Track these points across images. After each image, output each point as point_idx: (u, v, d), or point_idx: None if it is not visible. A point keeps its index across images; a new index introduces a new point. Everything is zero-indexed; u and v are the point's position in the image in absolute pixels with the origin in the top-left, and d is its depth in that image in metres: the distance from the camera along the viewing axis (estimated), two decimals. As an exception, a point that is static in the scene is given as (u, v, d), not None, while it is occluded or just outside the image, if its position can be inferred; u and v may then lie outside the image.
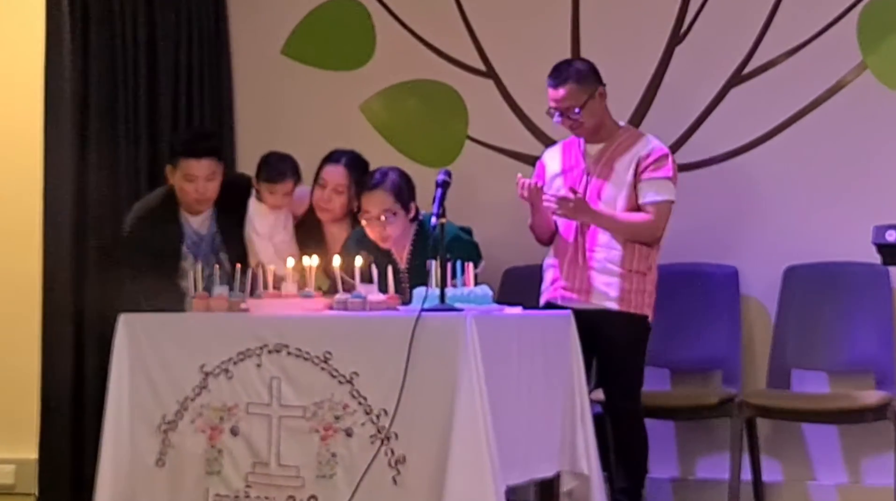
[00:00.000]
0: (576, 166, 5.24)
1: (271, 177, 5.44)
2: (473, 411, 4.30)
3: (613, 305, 5.10)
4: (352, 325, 4.61)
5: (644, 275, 5.13)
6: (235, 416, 4.73)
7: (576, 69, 5.21)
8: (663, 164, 5.12)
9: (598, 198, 5.14)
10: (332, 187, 5.42)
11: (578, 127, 5.18)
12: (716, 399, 5.50)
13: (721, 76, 5.83)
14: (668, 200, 5.12)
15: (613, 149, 5.19)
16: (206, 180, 5.39)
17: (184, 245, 5.49)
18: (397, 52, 6.33)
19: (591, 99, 5.15)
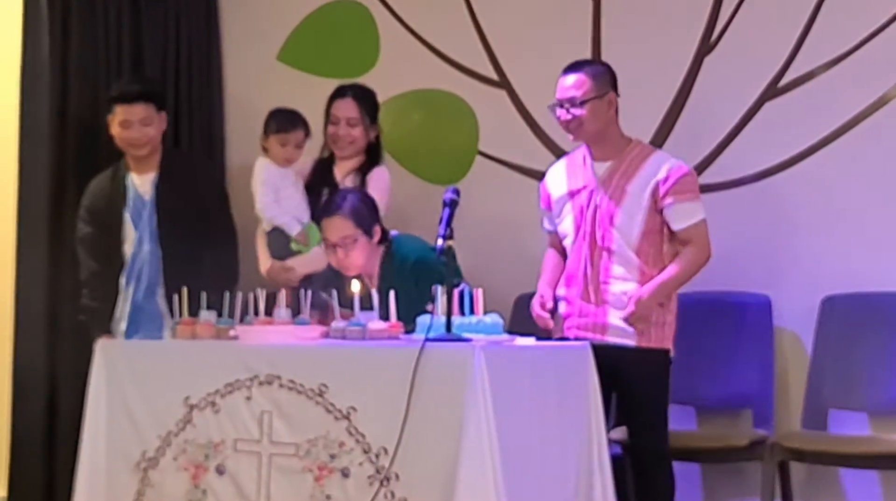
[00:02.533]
0: (584, 187, 5.17)
1: (282, 126, 5.69)
2: (481, 451, 4.25)
3: (632, 342, 5.05)
4: (350, 356, 4.57)
5: (662, 306, 5.09)
6: (222, 453, 4.69)
7: (594, 65, 5.22)
8: (687, 185, 5.08)
9: (610, 224, 5.09)
10: (345, 120, 5.69)
11: (577, 126, 5.12)
12: (746, 440, 5.45)
13: (754, 89, 5.80)
14: (702, 220, 5.10)
15: (624, 169, 5.13)
16: (142, 124, 5.63)
17: (126, 210, 5.65)
18: (403, 58, 6.33)
19: (598, 99, 5.10)
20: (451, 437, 4.28)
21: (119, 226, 5.65)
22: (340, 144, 5.75)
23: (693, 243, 5.07)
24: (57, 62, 6.30)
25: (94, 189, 5.75)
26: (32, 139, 6.28)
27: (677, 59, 5.90)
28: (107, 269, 5.63)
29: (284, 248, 5.62)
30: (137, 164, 5.71)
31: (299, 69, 6.48)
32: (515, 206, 5.87)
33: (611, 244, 5.08)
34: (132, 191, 5.69)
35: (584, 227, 5.13)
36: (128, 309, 5.62)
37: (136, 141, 5.64)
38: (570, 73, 5.13)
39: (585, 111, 5.09)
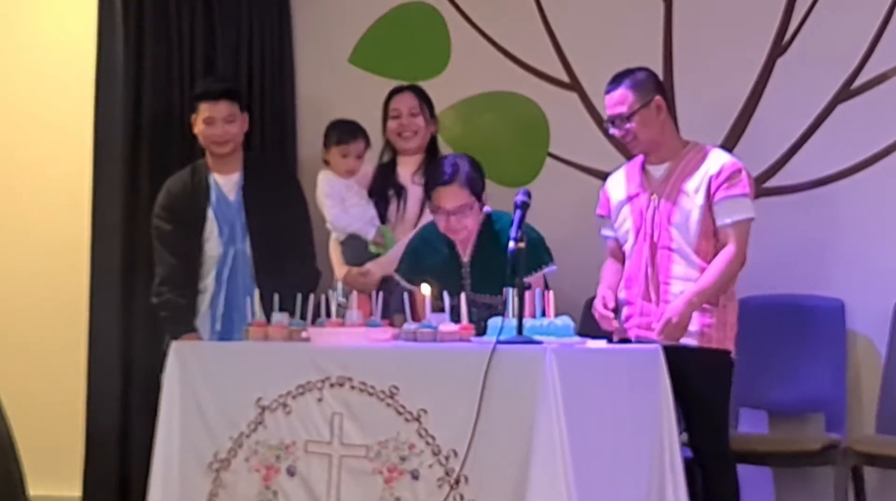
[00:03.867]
0: (641, 191, 5.16)
1: (343, 138, 5.72)
2: (552, 454, 4.23)
3: (693, 342, 5.01)
4: (420, 358, 4.57)
5: (724, 308, 5.05)
6: (293, 455, 4.71)
7: (633, 75, 5.15)
8: (737, 180, 5.00)
9: (668, 223, 5.06)
10: (408, 110, 5.78)
11: (632, 139, 5.10)
12: (818, 444, 5.41)
13: (827, 90, 5.76)
14: (747, 219, 5.01)
15: (681, 170, 5.10)
16: (225, 122, 5.66)
17: (210, 208, 5.67)
18: (473, 61, 6.33)
19: (645, 108, 5.07)
20: (522, 440, 4.27)
21: (200, 225, 5.66)
22: (405, 134, 5.77)
23: (731, 243, 4.97)
24: (131, 63, 6.36)
25: (173, 187, 5.75)
26: (107, 140, 6.34)
27: (749, 60, 5.86)
28: (186, 266, 5.64)
29: (359, 254, 5.64)
30: (219, 164, 5.72)
31: (370, 71, 6.49)
32: (586, 208, 5.83)
33: (670, 243, 5.06)
34: (215, 190, 5.70)
35: (644, 228, 5.11)
36: (221, 309, 5.62)
37: (219, 138, 5.66)
38: (612, 90, 5.12)
39: (635, 124, 5.07)
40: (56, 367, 6.67)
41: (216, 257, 5.64)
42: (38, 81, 6.93)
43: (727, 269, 4.98)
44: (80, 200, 6.42)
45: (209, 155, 5.76)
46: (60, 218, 6.76)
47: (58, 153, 6.82)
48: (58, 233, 6.76)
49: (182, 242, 5.65)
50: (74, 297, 6.42)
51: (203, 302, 5.65)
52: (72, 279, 6.50)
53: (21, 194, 6.91)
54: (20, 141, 6.93)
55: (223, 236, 5.65)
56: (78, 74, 6.59)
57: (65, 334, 6.59)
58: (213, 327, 5.62)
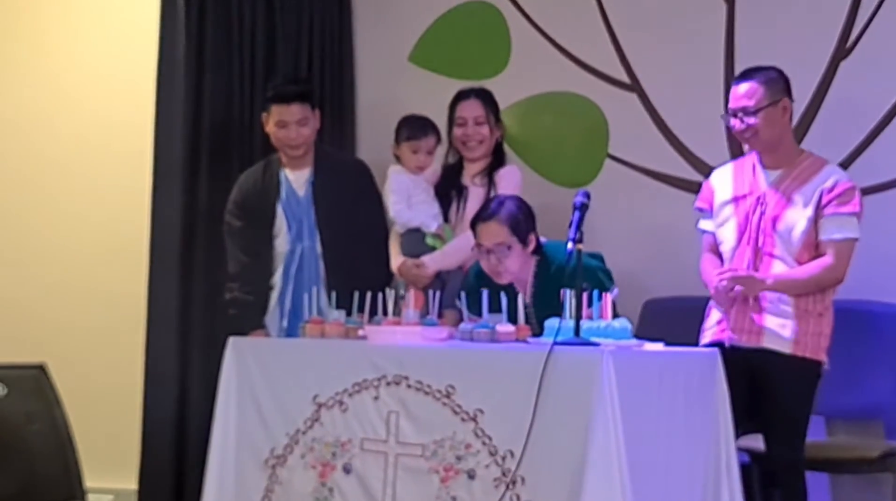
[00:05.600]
0: (750, 193, 5.10)
1: (414, 134, 5.73)
2: (608, 456, 4.23)
3: (787, 348, 4.98)
4: (477, 358, 4.58)
5: (821, 317, 5.01)
6: (349, 452, 4.73)
7: (765, 72, 5.10)
8: (850, 199, 4.97)
9: (773, 229, 5.02)
10: (473, 119, 5.77)
11: (752, 135, 5.04)
12: (877, 452, 5.38)
13: (891, 94, 5.72)
14: (851, 238, 4.98)
15: (794, 177, 5.05)
16: (298, 125, 5.64)
17: (279, 204, 5.67)
18: (533, 61, 6.33)
19: (773, 106, 5.02)
20: (578, 441, 4.26)
21: (271, 220, 5.66)
22: (470, 144, 5.77)
23: (830, 256, 4.96)
24: (192, 61, 6.40)
25: (245, 183, 5.75)
26: (167, 140, 6.39)
27: (813, 63, 5.83)
28: (256, 263, 5.63)
29: (416, 247, 5.66)
30: (291, 160, 5.71)
31: (431, 70, 6.51)
32: (645, 210, 5.85)
33: (773, 249, 5.02)
34: (286, 185, 5.69)
35: (749, 232, 5.07)
36: (288, 306, 5.62)
37: (292, 141, 5.64)
38: (743, 82, 5.06)
39: (759, 120, 5.01)
40: (114, 361, 6.72)
41: (284, 253, 5.64)
42: (100, 79, 6.97)
43: (819, 275, 4.96)
44: (140, 197, 6.47)
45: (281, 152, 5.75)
46: (121, 213, 6.80)
47: (118, 152, 6.86)
48: (118, 231, 6.80)
49: (252, 238, 5.66)
50: (134, 293, 6.47)
51: (272, 299, 5.66)
52: (131, 276, 6.54)
53: (83, 193, 6.95)
54: (81, 140, 6.98)
55: (292, 232, 5.65)
56: (139, 73, 6.64)
57: (123, 329, 6.63)
58: (281, 324, 5.63)
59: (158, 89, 6.43)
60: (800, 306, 4.98)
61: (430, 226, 5.63)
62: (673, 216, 5.80)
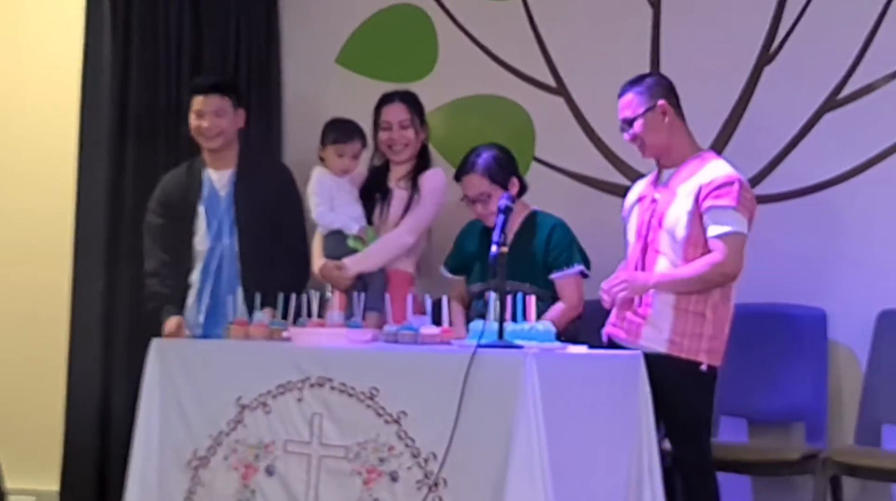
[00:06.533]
0: (648, 194, 5.18)
1: (340, 138, 5.69)
2: (531, 458, 4.25)
3: (662, 348, 5.00)
4: (401, 360, 4.59)
5: (702, 317, 5.00)
6: (272, 454, 4.73)
7: (641, 80, 5.17)
8: (726, 191, 4.94)
9: (659, 226, 5.06)
10: (398, 123, 5.77)
11: (640, 144, 5.13)
12: (798, 454, 5.42)
13: (814, 100, 5.77)
14: (734, 232, 4.94)
15: (681, 175, 5.10)
16: (215, 115, 5.70)
17: (201, 203, 5.70)
18: (460, 63, 6.34)
19: (650, 111, 5.08)
20: (501, 444, 4.28)
21: (192, 219, 5.68)
22: (396, 148, 5.78)
23: (718, 252, 4.93)
24: (118, 61, 6.38)
25: (169, 182, 5.79)
26: (92, 138, 6.37)
27: (737, 68, 5.87)
28: (176, 260, 5.66)
29: (339, 249, 5.65)
30: (214, 160, 5.74)
31: (357, 72, 6.50)
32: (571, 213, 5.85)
33: (658, 246, 5.06)
34: (208, 185, 5.72)
35: (642, 231, 5.13)
36: (207, 303, 5.63)
37: (207, 131, 5.68)
38: (622, 95, 5.14)
39: (639, 128, 5.09)
40: (36, 362, 6.67)
41: (204, 252, 5.66)
42: (25, 78, 6.92)
43: (705, 272, 4.94)
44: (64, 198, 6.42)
45: (204, 150, 5.77)
46: (45, 215, 6.75)
47: (43, 150, 6.81)
48: (42, 231, 6.76)
49: (172, 236, 5.68)
50: (57, 291, 6.43)
51: (190, 296, 5.66)
52: (55, 275, 6.50)
53: (4, 192, 6.90)
54: (4, 138, 6.92)
55: (211, 231, 5.66)
56: (64, 69, 6.60)
57: (46, 326, 6.58)
58: (198, 320, 5.62)
59: (83, 86, 6.40)
60: (679, 306, 4.99)
61: (351, 228, 5.62)
62: (599, 219, 5.82)
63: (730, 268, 4.95)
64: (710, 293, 5.01)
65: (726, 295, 5.05)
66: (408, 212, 5.69)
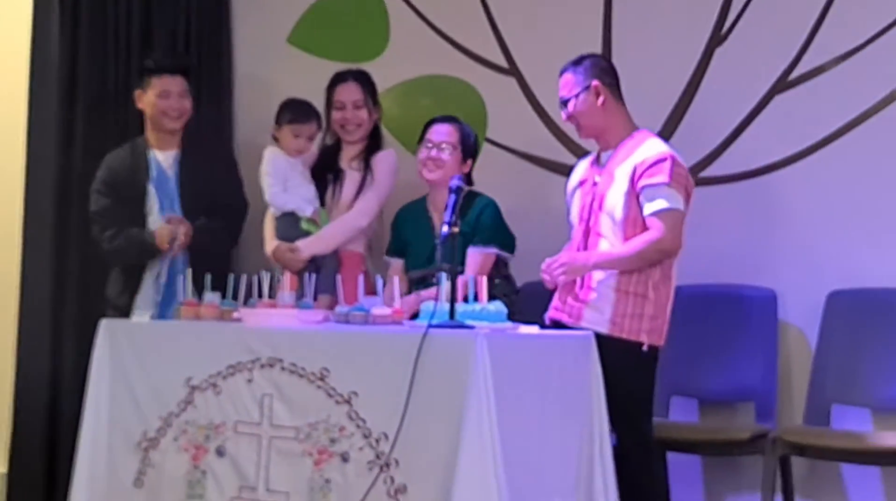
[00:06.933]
0: (588, 177, 5.19)
1: (297, 118, 5.68)
2: (482, 439, 4.25)
3: (604, 328, 5.01)
4: (352, 340, 4.58)
5: (643, 298, 5.02)
6: (222, 435, 4.72)
7: (577, 60, 5.19)
8: (659, 169, 4.96)
9: (600, 210, 5.08)
10: (352, 103, 5.76)
11: (576, 123, 5.15)
12: (748, 434, 5.45)
13: (765, 81, 5.78)
14: (670, 209, 4.95)
15: (619, 156, 5.11)
16: (180, 97, 5.73)
17: (150, 183, 5.69)
18: (412, 44, 6.33)
19: (585, 92, 5.10)
20: (452, 424, 4.28)
21: (140, 200, 5.66)
22: (349, 128, 5.76)
23: (655, 230, 4.95)
24: (66, 42, 6.36)
25: (113, 162, 5.76)
26: (40, 118, 6.32)
27: (688, 49, 5.88)
28: None
29: (292, 231, 5.63)
30: (159, 141, 5.74)
31: (309, 52, 6.48)
32: (522, 194, 5.87)
33: (600, 229, 5.08)
34: (155, 165, 5.72)
35: (584, 214, 5.14)
36: (164, 279, 5.60)
37: (174, 111, 5.69)
38: (562, 74, 5.17)
39: (574, 107, 5.11)
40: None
41: None
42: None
43: (643, 249, 4.96)
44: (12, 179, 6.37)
45: (151, 131, 5.76)
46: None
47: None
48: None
49: (121, 217, 5.65)
50: (5, 273, 6.38)
51: (148, 275, 5.64)
52: (3, 256, 6.45)
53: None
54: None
55: (164, 211, 5.65)
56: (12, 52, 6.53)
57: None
58: (155, 299, 5.61)
59: (32, 66, 6.35)
60: (620, 287, 5.01)
61: (305, 210, 5.61)
62: (550, 200, 5.83)
63: (668, 245, 4.97)
64: (651, 273, 5.02)
65: (667, 274, 5.07)
66: (361, 193, 5.67)
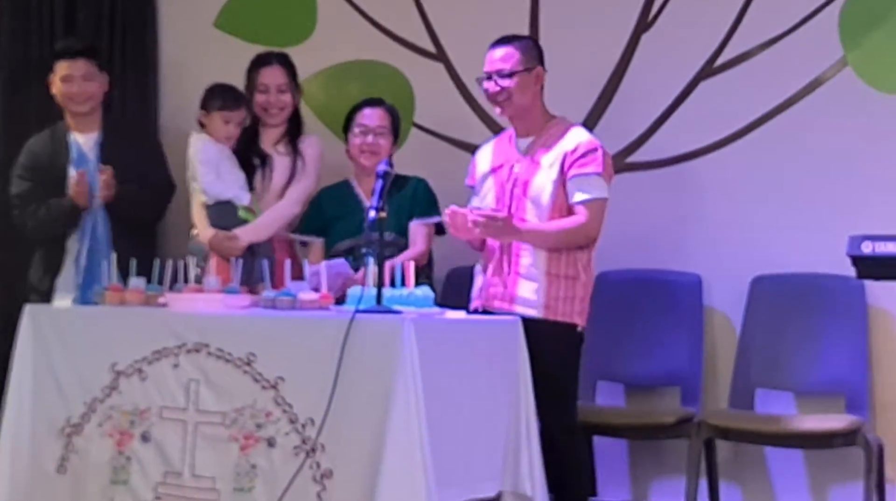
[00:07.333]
0: (505, 163, 5.20)
1: (228, 104, 5.58)
2: (409, 423, 4.27)
3: (538, 313, 5.04)
4: (279, 325, 4.58)
5: (573, 280, 5.07)
6: (147, 421, 4.69)
7: (522, 39, 5.23)
8: (591, 159, 5.05)
9: (523, 195, 5.10)
10: (276, 87, 5.73)
11: (506, 98, 5.14)
12: (673, 418, 5.48)
13: (691, 67, 5.81)
14: (598, 198, 5.05)
15: (542, 142, 5.15)
16: (83, 79, 5.74)
17: (71, 165, 5.72)
18: (340, 28, 6.30)
19: (527, 72, 5.12)
20: (380, 409, 4.29)
21: (61, 183, 5.66)
22: (272, 111, 5.74)
23: (582, 216, 5.03)
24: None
25: (34, 146, 5.78)
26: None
27: (615, 35, 5.90)
28: None
29: (227, 219, 5.58)
30: (79, 124, 5.75)
31: (236, 36, 6.44)
32: (449, 179, 5.86)
33: (524, 215, 5.10)
34: (76, 148, 5.73)
35: (504, 200, 5.15)
36: (84, 263, 5.62)
37: (76, 95, 5.70)
38: (499, 47, 5.16)
39: (514, 83, 5.11)
40: None
41: None
42: None
43: (569, 230, 5.03)
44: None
45: (68, 114, 5.77)
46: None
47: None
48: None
49: (42, 200, 5.64)
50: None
51: (68, 259, 5.65)
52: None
53: None
54: None
55: None
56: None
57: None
58: (77, 282, 5.60)
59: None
60: (550, 270, 5.05)
61: (242, 198, 5.56)
62: (477, 185, 5.84)
63: (592, 231, 5.07)
64: (579, 256, 5.08)
65: (590, 259, 5.13)
66: (292, 179, 5.66)
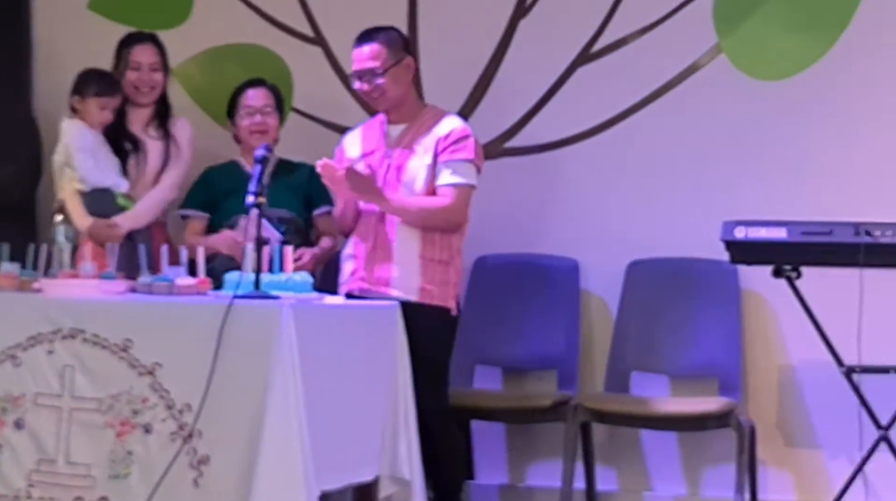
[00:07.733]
0: (377, 149, 5.23)
1: (106, 90, 5.53)
2: (287, 409, 4.27)
3: (413, 297, 5.07)
4: (156, 311, 4.54)
5: (446, 265, 5.12)
6: (21, 407, 4.63)
7: (386, 32, 5.25)
8: (463, 145, 5.12)
9: (397, 181, 5.14)
10: (149, 65, 5.71)
11: (380, 95, 5.18)
12: (549, 401, 5.54)
13: (568, 54, 5.86)
14: (466, 184, 5.11)
15: (416, 129, 5.19)
16: None
17: None
18: (217, 11, 6.25)
19: (397, 66, 5.16)
20: (258, 394, 4.29)
21: None
22: (143, 90, 5.69)
23: (447, 198, 5.09)
24: None
25: None
26: None
27: (493, 21, 5.93)
28: None
29: (104, 207, 5.52)
30: None
31: (111, 19, 6.35)
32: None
33: None
34: None
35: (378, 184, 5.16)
36: None
37: None
38: (365, 44, 5.19)
39: (386, 80, 5.14)
40: None
41: None
42: None
43: (431, 209, 5.09)
44: None
45: None
46: None
47: None
48: None
49: None
50: None
51: None
52: None
53: None
54: None
55: None
56: None
57: None
58: None
59: None
60: (425, 255, 5.10)
61: (120, 185, 5.50)
62: (356, 169, 5.83)
63: (456, 217, 5.11)
64: (452, 241, 5.14)
65: (461, 244, 5.18)
66: (166, 164, 5.62)
